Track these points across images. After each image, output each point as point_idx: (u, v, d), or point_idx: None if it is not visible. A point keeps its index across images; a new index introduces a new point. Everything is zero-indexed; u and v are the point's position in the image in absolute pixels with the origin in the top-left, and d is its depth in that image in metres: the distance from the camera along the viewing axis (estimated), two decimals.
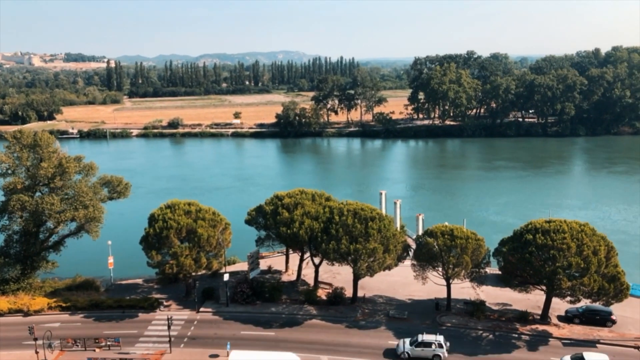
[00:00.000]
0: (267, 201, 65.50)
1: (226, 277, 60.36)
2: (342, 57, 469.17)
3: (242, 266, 71.42)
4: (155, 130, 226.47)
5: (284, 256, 72.32)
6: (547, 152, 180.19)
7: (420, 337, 50.47)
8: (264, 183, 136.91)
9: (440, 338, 50.46)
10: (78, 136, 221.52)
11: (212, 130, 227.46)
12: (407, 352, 49.86)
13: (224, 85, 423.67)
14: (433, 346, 49.65)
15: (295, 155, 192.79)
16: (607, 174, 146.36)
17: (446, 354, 49.50)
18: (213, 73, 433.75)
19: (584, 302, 55.24)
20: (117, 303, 61.00)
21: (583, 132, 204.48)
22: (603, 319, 56.27)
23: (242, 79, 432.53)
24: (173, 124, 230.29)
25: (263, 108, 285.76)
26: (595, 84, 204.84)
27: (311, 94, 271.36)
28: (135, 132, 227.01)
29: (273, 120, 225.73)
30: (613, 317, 56.19)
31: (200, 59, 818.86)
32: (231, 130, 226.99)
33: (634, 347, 52.04)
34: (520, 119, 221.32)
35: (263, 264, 70.73)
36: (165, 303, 62.04)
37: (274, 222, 62.43)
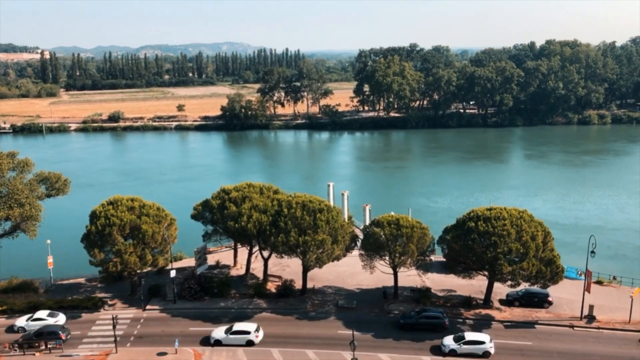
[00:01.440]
0: (213, 195, 64.64)
1: (173, 273, 59.24)
2: (287, 49, 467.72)
3: (189, 262, 70.26)
4: (95, 125, 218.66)
5: (232, 250, 71.69)
6: (487, 142, 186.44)
7: (467, 335, 50.61)
8: (210, 177, 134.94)
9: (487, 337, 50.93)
10: (11, 131, 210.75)
11: (155, 124, 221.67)
12: (455, 350, 49.71)
13: (167, 77, 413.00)
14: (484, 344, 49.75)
15: (242, 148, 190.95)
16: (542, 162, 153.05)
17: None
18: (155, 65, 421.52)
19: (524, 286, 57.62)
20: (57, 304, 58.71)
21: (520, 122, 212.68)
22: (541, 301, 59.00)
23: (185, 70, 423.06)
24: (114, 118, 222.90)
25: (208, 100, 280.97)
26: (531, 76, 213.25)
27: (257, 86, 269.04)
28: (73, 126, 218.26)
29: (218, 112, 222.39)
30: (550, 298, 59.00)
31: (141, 50, 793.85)
32: (175, 124, 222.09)
33: (569, 327, 54.93)
34: (462, 110, 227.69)
35: (211, 259, 69.84)
36: (109, 302, 60.32)
37: (221, 216, 61.73)
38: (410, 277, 63.41)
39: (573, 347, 51.14)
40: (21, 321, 55.27)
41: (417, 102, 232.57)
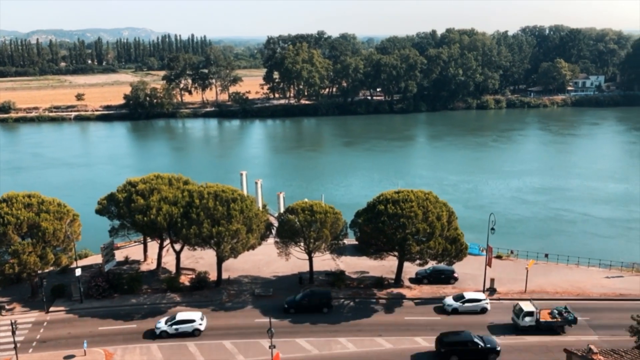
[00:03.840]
0: (119, 188, 61.83)
1: (78, 272, 56.14)
2: (193, 35, 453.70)
3: (96, 259, 66.98)
4: None
5: (142, 245, 69.12)
6: (394, 128, 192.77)
7: (466, 295, 56.26)
8: (115, 169, 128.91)
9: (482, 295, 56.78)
10: None
11: (51, 114, 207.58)
12: (456, 308, 55.22)
13: (63, 64, 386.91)
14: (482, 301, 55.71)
15: (148, 138, 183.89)
16: (445, 146, 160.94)
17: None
18: (49, 51, 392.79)
19: (431, 264, 60.55)
20: None
21: (424, 108, 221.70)
22: (447, 278, 62.35)
23: (83, 57, 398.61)
24: (3, 109, 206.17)
25: (109, 89, 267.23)
26: (433, 63, 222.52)
27: (162, 73, 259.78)
28: None
29: (121, 101, 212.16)
30: (455, 275, 62.51)
31: (32, 35, 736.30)
32: (74, 114, 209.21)
33: None
34: (369, 97, 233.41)
35: (119, 255, 66.95)
36: (7, 307, 56.14)
37: (128, 210, 59.21)
38: (324, 261, 64.56)
39: (477, 318, 54.63)
40: None
41: (327, 90, 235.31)
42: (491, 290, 59.65)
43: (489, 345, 47.51)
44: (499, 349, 47.55)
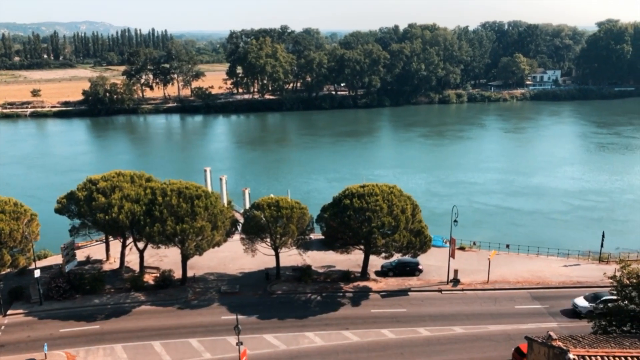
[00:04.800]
0: (79, 187, 60.21)
1: (37, 273, 54.47)
2: (153, 29, 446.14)
3: (56, 259, 65.18)
4: None
5: (104, 244, 67.60)
6: (358, 123, 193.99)
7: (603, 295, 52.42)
8: (74, 167, 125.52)
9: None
10: None
11: (5, 111, 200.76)
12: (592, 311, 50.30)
13: (17, 59, 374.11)
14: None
15: (109, 135, 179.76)
16: (408, 140, 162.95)
17: None
18: (2, 45, 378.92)
19: (396, 257, 61.28)
20: None
21: (388, 103, 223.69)
22: (412, 270, 63.23)
23: (38, 52, 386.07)
24: None
25: (67, 84, 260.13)
26: (396, 58, 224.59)
27: (122, 68, 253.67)
28: None
29: (80, 97, 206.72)
30: (420, 267, 63.44)
31: None
32: (30, 110, 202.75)
33: (438, 291, 59.64)
34: (334, 92, 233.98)
35: (80, 255, 65.32)
36: None
37: (89, 208, 57.75)
38: (291, 256, 64.54)
39: (442, 309, 55.67)
40: None
41: (291, 85, 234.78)
42: (455, 281, 60.81)
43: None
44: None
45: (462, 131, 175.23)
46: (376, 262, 63.06)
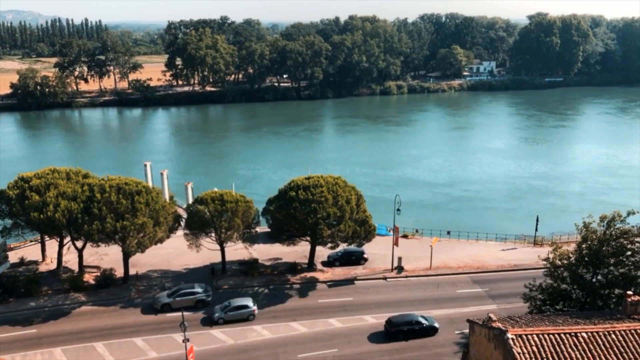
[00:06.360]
0: (10, 185, 57.12)
1: None
2: (86, 20, 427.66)
3: None
4: None
5: (39, 244, 64.64)
6: (302, 115, 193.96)
7: None
8: (3, 165, 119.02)
9: None
10: None
11: None
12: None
13: None
14: None
15: (41, 130, 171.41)
16: (351, 132, 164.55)
17: None
18: None
19: (342, 246, 62.00)
20: None
21: (331, 95, 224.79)
22: (358, 259, 64.21)
23: None
24: None
25: None
26: (338, 50, 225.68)
27: (53, 60, 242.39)
28: None
29: (8, 91, 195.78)
30: (365, 255, 64.50)
31: None
32: None
33: (383, 279, 60.87)
34: (276, 84, 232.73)
35: (13, 256, 62.09)
36: None
37: (21, 207, 54.95)
38: (237, 250, 64.00)
39: (387, 296, 56.86)
40: None
41: (233, 76, 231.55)
42: (399, 269, 62.21)
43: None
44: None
45: (403, 122, 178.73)
46: (322, 252, 63.55)
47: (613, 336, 25.54)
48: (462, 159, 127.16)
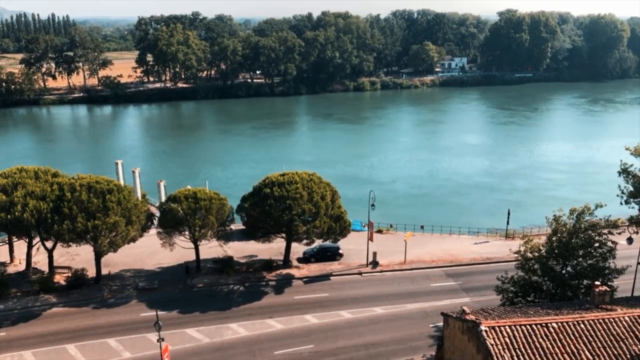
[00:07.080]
0: None
1: None
2: (53, 15, 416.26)
3: None
4: None
5: (7, 245, 63.11)
6: (275, 111, 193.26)
7: None
8: None
9: None
10: None
11: None
12: None
13: None
14: None
15: (7, 128, 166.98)
16: (325, 128, 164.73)
17: None
18: None
19: (318, 242, 62.11)
20: None
21: (305, 91, 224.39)
22: (333, 254, 64.42)
23: None
24: None
25: None
26: (311, 46, 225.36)
27: (19, 56, 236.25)
28: None
29: None
30: (341, 251, 64.74)
31: None
32: None
33: (358, 274, 61.21)
34: (250, 80, 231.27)
35: None
36: None
37: None
38: (212, 248, 63.55)
39: (362, 291, 57.21)
40: None
41: (205, 72, 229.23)
42: (374, 264, 62.64)
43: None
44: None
45: (377, 118, 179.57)
46: (298, 249, 63.55)
47: (582, 326, 26.20)
48: (434, 155, 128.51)
